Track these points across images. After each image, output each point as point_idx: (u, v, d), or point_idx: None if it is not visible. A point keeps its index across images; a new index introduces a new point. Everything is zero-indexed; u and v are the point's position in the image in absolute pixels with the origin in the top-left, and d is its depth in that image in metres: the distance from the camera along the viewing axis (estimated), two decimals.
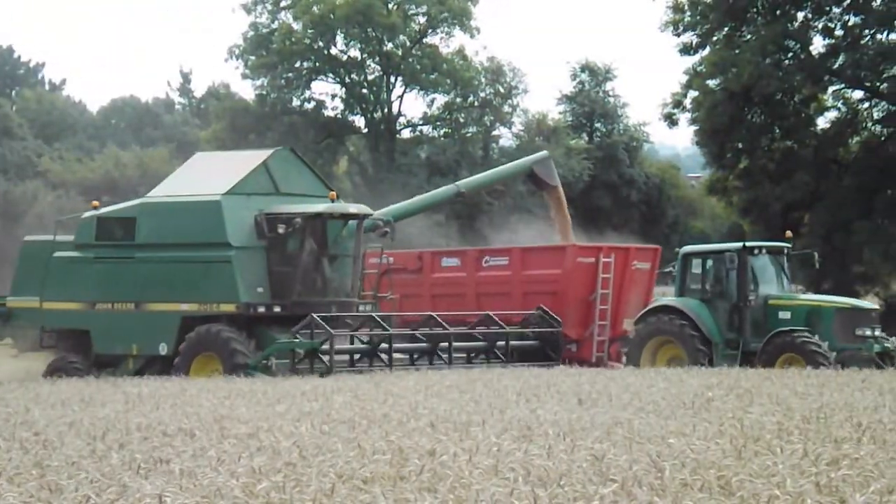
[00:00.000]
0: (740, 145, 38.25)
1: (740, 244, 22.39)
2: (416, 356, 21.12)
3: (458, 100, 55.86)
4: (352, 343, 20.53)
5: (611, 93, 57.05)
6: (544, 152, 30.57)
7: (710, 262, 22.26)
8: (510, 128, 56.30)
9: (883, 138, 38.19)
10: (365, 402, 13.30)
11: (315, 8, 53.86)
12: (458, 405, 12.59)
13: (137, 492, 7.25)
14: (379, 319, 20.65)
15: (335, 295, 21.54)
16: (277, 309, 20.81)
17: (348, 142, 59.74)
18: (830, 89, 38.59)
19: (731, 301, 21.78)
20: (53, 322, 22.21)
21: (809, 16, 37.38)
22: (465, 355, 21.64)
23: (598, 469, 7.68)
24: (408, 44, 55.50)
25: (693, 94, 38.58)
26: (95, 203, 23.16)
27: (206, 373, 19.94)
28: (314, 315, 19.85)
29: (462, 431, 10.11)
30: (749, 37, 37.35)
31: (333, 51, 55.86)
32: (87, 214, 22.59)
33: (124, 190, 50.92)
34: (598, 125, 57.04)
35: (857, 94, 38.64)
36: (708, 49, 38.02)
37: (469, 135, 55.30)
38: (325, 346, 19.58)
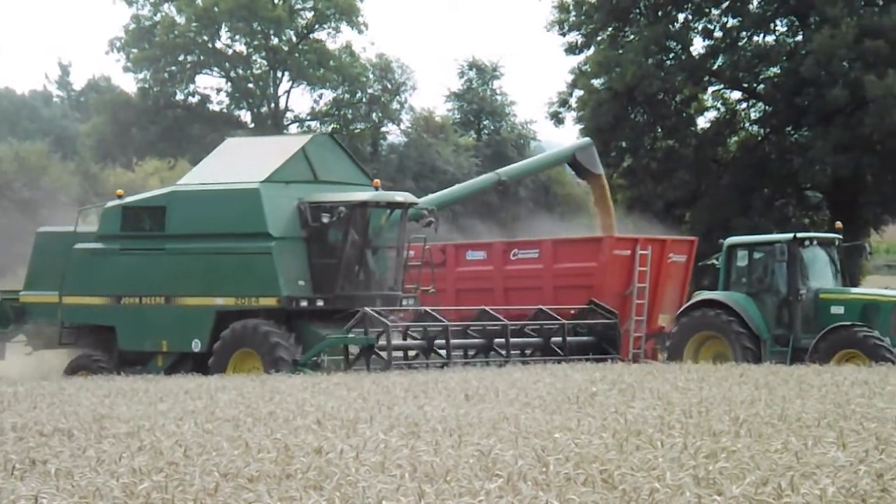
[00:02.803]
0: (624, 144, 38.87)
1: (791, 235, 21.21)
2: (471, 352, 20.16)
3: (346, 96, 55.70)
4: (404, 339, 19.69)
5: (498, 91, 57.53)
6: (587, 139, 29.13)
7: (756, 254, 21.25)
8: (398, 124, 56.36)
9: (760, 138, 39.21)
10: (250, 399, 13.16)
11: (199, 1, 53.15)
12: (346, 402, 12.54)
13: (12, 493, 7.05)
14: (435, 314, 19.87)
15: (378, 288, 20.56)
16: (320, 303, 19.84)
17: (234, 136, 58.97)
18: (710, 90, 39.47)
19: (779, 295, 20.80)
20: (74, 318, 20.97)
21: (690, 17, 38.17)
22: (519, 351, 20.60)
23: (485, 464, 7.72)
24: (294, 39, 55.11)
25: (578, 93, 39.08)
26: (120, 192, 21.98)
27: (244, 370, 18.97)
28: (367, 309, 18.95)
29: (349, 428, 10.07)
30: (632, 37, 37.97)
31: (218, 44, 55.20)
32: (111, 204, 21.34)
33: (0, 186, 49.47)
34: (486, 122, 57.48)
35: (736, 94, 39.62)
36: (593, 49, 38.55)
37: (357, 131, 55.21)
38: (382, 342, 18.66)
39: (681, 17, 38.16)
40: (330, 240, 20.20)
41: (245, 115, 57.35)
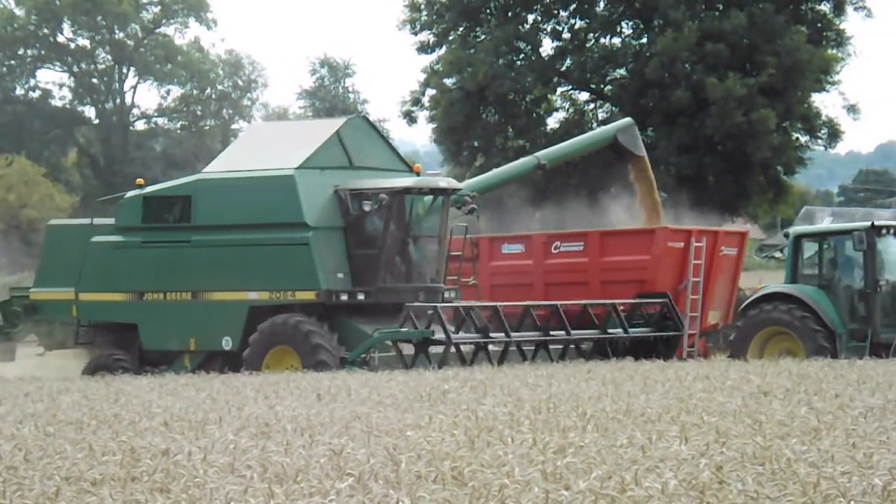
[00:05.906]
0: (476, 144, 39.23)
1: (868, 223, 20.22)
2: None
3: (195, 92, 54.86)
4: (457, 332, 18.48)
5: (351, 89, 57.43)
6: (628, 119, 27.45)
7: (827, 245, 20.39)
8: (250, 121, 55.76)
9: None
10: (94, 401, 12.84)
11: None
12: (194, 403, 12.34)
13: None
14: (483, 306, 18.97)
15: (421, 280, 19.53)
16: (361, 296, 18.80)
17: (78, 133, 57.60)
18: (559, 90, 40.15)
19: (855, 287, 19.93)
20: (92, 316, 19.75)
21: (539, 18, 38.76)
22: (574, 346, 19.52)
23: (336, 464, 7.69)
24: (140, 34, 54.00)
25: (431, 92, 39.28)
26: (140, 181, 20.67)
27: (281, 369, 17.87)
28: (408, 305, 17.93)
29: (197, 430, 9.91)
30: (483, 37, 38.35)
31: (60, 38, 53.74)
32: (131, 194, 20.08)
33: None
34: None
35: (584, 95, 40.39)
36: (444, 48, 38.80)
37: (207, 128, 54.46)
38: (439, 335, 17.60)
39: (530, 18, 38.71)
40: (369, 229, 19.30)
41: (89, 111, 55.96)
